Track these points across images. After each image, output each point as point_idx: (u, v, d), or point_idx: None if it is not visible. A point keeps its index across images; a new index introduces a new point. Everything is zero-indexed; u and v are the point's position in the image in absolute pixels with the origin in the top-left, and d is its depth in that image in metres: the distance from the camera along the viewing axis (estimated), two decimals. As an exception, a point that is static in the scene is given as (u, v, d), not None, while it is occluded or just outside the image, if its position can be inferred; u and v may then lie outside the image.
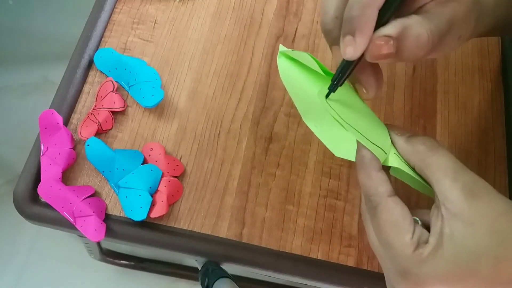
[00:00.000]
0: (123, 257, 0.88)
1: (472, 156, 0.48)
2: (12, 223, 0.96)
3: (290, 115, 0.48)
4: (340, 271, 0.42)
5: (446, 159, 0.29)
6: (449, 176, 0.28)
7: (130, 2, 0.52)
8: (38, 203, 0.43)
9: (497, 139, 0.49)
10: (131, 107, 0.47)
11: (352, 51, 0.28)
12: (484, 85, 0.52)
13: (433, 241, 0.27)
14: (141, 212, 0.42)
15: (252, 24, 0.52)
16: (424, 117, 0.50)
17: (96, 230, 0.41)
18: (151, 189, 0.43)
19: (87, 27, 0.50)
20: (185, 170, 0.45)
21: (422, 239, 0.28)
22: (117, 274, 0.93)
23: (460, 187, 0.27)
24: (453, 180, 0.28)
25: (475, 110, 0.51)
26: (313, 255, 0.43)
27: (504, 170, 0.48)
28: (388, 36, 0.28)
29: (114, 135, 0.46)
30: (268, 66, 0.50)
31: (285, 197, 0.45)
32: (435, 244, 0.27)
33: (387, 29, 0.28)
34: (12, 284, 0.92)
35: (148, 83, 0.47)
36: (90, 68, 0.48)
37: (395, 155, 0.31)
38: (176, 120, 0.47)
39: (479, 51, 0.54)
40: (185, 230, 0.43)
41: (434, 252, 0.27)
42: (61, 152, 0.43)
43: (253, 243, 0.43)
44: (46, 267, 0.94)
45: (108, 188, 0.44)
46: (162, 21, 0.52)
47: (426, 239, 0.28)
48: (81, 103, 0.47)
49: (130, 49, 0.50)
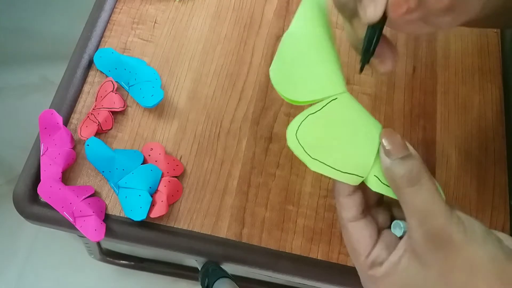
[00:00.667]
0: (123, 257, 0.88)
1: (472, 156, 0.48)
2: (12, 223, 0.96)
3: (290, 115, 0.48)
4: (340, 271, 0.42)
5: (422, 200, 0.27)
6: (416, 217, 0.27)
7: (130, 2, 0.52)
8: (38, 203, 0.43)
9: (497, 139, 0.49)
10: (131, 107, 0.47)
11: (373, 11, 0.27)
12: (484, 85, 0.52)
13: (388, 266, 0.29)
14: (141, 212, 0.42)
15: (252, 24, 0.52)
16: (424, 117, 0.50)
17: (96, 230, 0.41)
18: (151, 189, 0.43)
19: (87, 27, 0.50)
20: (185, 170, 0.45)
21: (377, 261, 0.29)
22: (117, 274, 0.93)
23: (423, 233, 0.27)
24: (419, 224, 0.27)
25: (475, 110, 0.51)
26: (313, 255, 0.43)
27: (504, 170, 0.48)
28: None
29: (114, 135, 0.46)
30: (268, 66, 0.50)
31: (285, 197, 0.45)
32: (389, 269, 0.29)
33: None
34: (12, 284, 0.92)
35: (148, 83, 0.47)
36: (90, 68, 0.48)
37: (375, 177, 0.31)
38: (176, 120, 0.47)
39: (479, 51, 0.54)
40: (185, 230, 0.43)
41: (386, 276, 0.29)
42: (61, 152, 0.43)
43: (253, 243, 0.43)
44: (46, 267, 0.94)
45: (108, 188, 0.44)
46: (162, 21, 0.52)
47: (382, 260, 0.29)
48: (81, 103, 0.47)
49: (130, 49, 0.50)
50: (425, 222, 0.27)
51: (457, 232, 0.26)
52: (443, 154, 0.48)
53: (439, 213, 0.27)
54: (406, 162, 0.28)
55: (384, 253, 0.29)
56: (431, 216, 0.27)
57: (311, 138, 0.30)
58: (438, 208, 0.27)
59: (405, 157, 0.28)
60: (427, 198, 0.27)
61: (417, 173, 0.28)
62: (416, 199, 0.27)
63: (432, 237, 0.27)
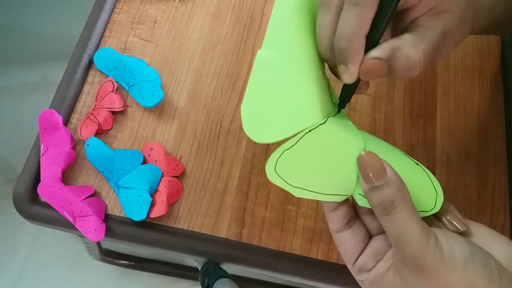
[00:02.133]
0: (123, 257, 0.88)
1: (472, 156, 0.48)
2: (12, 223, 0.96)
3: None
4: (340, 271, 0.42)
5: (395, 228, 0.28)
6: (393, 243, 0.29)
7: (130, 2, 0.52)
8: (38, 203, 0.43)
9: (497, 139, 0.49)
10: (131, 107, 0.47)
11: (348, 78, 0.30)
12: (484, 85, 0.52)
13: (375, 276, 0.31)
14: (141, 212, 0.42)
15: (252, 24, 0.52)
16: (424, 117, 0.50)
17: (95, 230, 0.41)
18: (151, 189, 0.43)
19: (87, 27, 0.50)
20: (185, 170, 0.45)
21: (364, 268, 0.31)
22: (116, 274, 0.93)
23: (400, 257, 0.28)
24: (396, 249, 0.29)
25: (475, 110, 0.51)
26: (312, 255, 0.43)
27: (504, 170, 0.48)
28: (378, 58, 0.29)
29: (114, 135, 0.46)
30: (268, 66, 0.50)
31: (284, 197, 0.45)
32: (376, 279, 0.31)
33: (376, 52, 0.29)
34: (12, 284, 0.92)
35: (148, 83, 0.47)
36: (90, 68, 0.48)
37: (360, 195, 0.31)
38: (176, 120, 0.47)
39: (479, 51, 0.54)
40: (185, 230, 0.43)
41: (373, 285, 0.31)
42: (61, 152, 0.43)
43: (253, 243, 0.43)
44: (46, 267, 0.94)
45: (108, 188, 0.44)
46: (162, 21, 0.52)
47: (369, 268, 0.31)
48: (81, 103, 0.47)
49: (130, 49, 0.50)
50: (401, 249, 0.28)
51: (432, 259, 0.27)
52: (443, 154, 0.48)
53: (413, 240, 0.27)
54: (379, 192, 0.29)
55: (371, 262, 0.31)
56: (405, 243, 0.28)
57: (290, 170, 0.30)
58: (412, 236, 0.28)
59: (379, 186, 0.29)
60: (401, 227, 0.28)
61: (390, 202, 0.28)
62: (390, 227, 0.29)
63: (408, 262, 0.28)
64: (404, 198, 0.29)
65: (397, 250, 0.28)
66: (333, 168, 0.30)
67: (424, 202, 0.32)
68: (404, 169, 0.31)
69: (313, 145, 0.30)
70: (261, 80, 0.30)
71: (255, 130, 0.29)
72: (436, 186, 0.32)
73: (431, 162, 0.48)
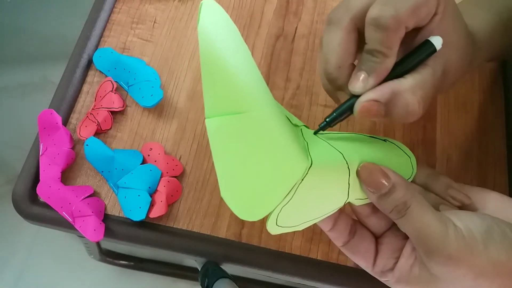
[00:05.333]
0: (123, 257, 0.88)
1: (472, 156, 0.48)
2: (11, 223, 0.96)
3: (289, 115, 0.48)
4: (339, 271, 0.42)
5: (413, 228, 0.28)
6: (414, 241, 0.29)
7: (130, 1, 0.52)
8: (37, 203, 0.43)
9: (497, 139, 0.49)
10: (130, 107, 0.47)
11: (362, 87, 0.29)
12: (484, 85, 0.52)
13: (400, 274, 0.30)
14: (140, 212, 0.42)
15: (251, 24, 0.52)
16: (424, 117, 0.49)
17: (95, 230, 0.41)
18: (150, 189, 0.43)
19: (86, 27, 0.49)
20: (184, 170, 0.45)
21: (387, 267, 0.31)
22: (116, 274, 0.93)
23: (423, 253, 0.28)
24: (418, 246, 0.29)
25: (475, 110, 0.51)
26: (312, 255, 0.43)
27: (504, 170, 0.48)
28: (376, 101, 0.29)
29: (113, 135, 0.46)
30: (268, 66, 0.50)
31: (284, 197, 0.45)
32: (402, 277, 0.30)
33: (375, 94, 0.29)
34: (11, 284, 0.92)
35: (148, 82, 0.47)
36: (89, 68, 0.48)
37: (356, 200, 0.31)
38: (176, 120, 0.47)
39: (479, 51, 0.54)
40: (184, 230, 0.43)
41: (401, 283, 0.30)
42: (60, 152, 0.43)
43: (253, 243, 0.43)
44: (46, 267, 0.93)
45: (107, 188, 0.44)
46: (161, 20, 0.52)
47: (391, 267, 0.31)
48: (80, 103, 0.47)
49: (130, 49, 0.50)
50: (423, 245, 0.28)
51: (456, 248, 0.27)
52: (443, 154, 0.48)
53: (433, 234, 0.28)
54: (390, 198, 0.29)
55: (391, 261, 0.31)
56: (426, 239, 0.28)
57: (292, 218, 0.29)
58: (431, 230, 0.28)
59: (387, 193, 0.29)
60: (418, 224, 0.28)
61: (403, 204, 0.29)
62: (407, 226, 0.29)
63: (433, 256, 0.28)
64: (414, 195, 0.29)
65: (420, 247, 0.28)
66: (328, 194, 0.30)
67: (404, 171, 0.32)
68: (376, 151, 0.32)
69: (309, 188, 0.29)
70: (224, 155, 0.26)
71: (247, 211, 0.27)
72: (407, 151, 0.33)
73: (431, 162, 0.47)
